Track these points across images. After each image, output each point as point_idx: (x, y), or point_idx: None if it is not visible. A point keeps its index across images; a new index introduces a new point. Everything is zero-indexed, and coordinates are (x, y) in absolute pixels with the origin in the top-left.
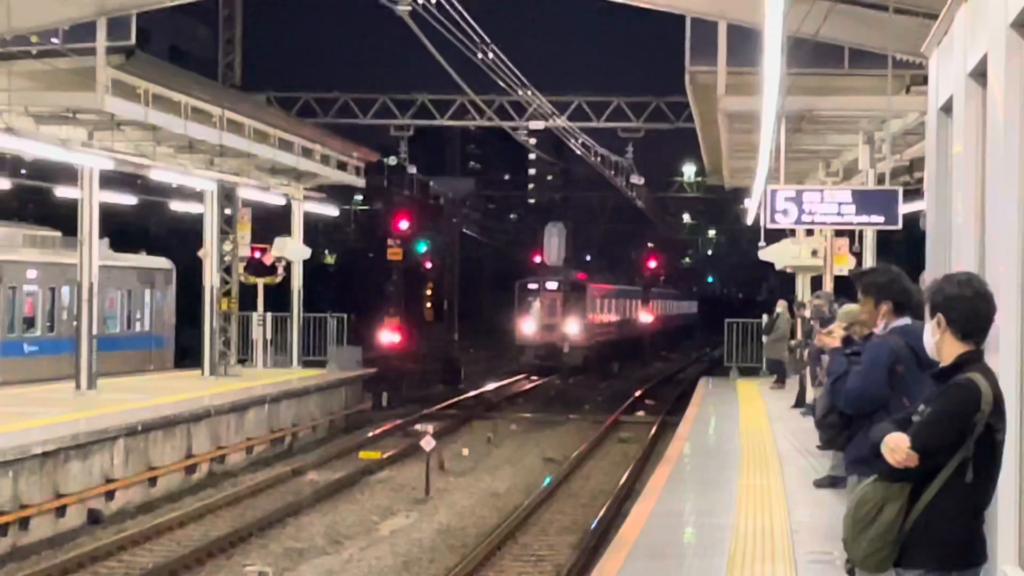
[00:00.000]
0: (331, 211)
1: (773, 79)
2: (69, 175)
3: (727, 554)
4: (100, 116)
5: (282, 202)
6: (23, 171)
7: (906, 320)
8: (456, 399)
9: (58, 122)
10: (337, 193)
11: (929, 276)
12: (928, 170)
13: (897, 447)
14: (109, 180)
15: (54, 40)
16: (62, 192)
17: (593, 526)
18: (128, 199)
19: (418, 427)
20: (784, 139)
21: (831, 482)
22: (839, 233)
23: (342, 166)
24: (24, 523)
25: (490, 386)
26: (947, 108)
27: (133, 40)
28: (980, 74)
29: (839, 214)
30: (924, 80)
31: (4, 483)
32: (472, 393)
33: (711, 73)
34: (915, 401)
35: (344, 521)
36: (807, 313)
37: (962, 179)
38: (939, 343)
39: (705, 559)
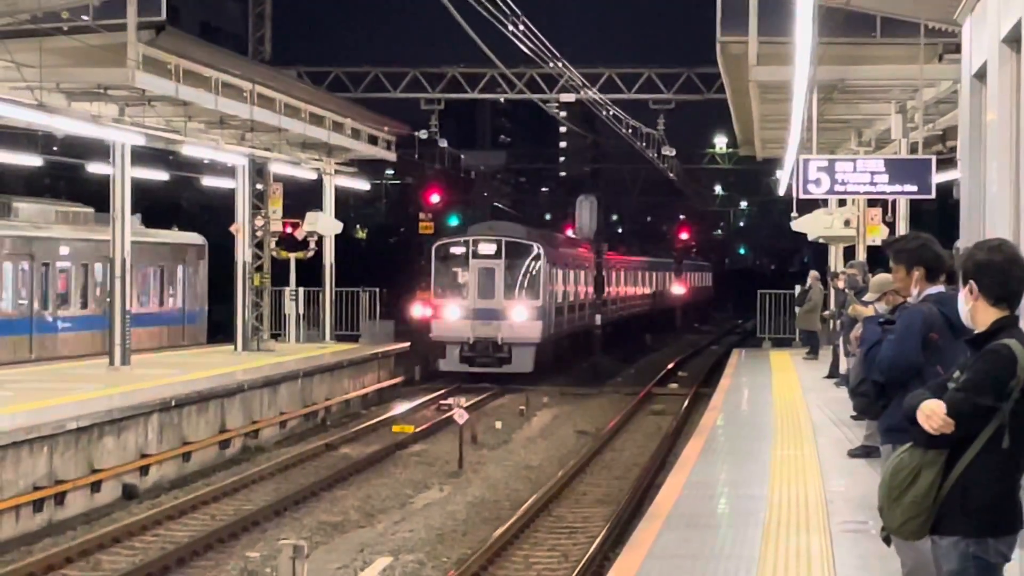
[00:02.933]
0: (362, 185)
1: (805, 49)
2: (101, 151)
3: (762, 524)
4: (131, 92)
5: (313, 177)
6: (55, 148)
7: (940, 288)
8: (488, 371)
9: (89, 98)
10: (368, 167)
11: (963, 245)
12: (961, 138)
13: (933, 414)
14: (141, 156)
15: (84, 17)
16: (94, 168)
17: (626, 498)
18: (160, 175)
19: (451, 401)
20: (816, 109)
21: (865, 452)
22: (872, 203)
23: (373, 140)
24: (60, 498)
25: None
26: (980, 75)
27: (163, 16)
28: (1014, 40)
29: (872, 183)
30: (957, 48)
31: (40, 459)
32: None
33: (742, 43)
34: (949, 369)
35: (378, 495)
36: (840, 283)
37: (996, 147)
38: (972, 310)
39: (740, 529)
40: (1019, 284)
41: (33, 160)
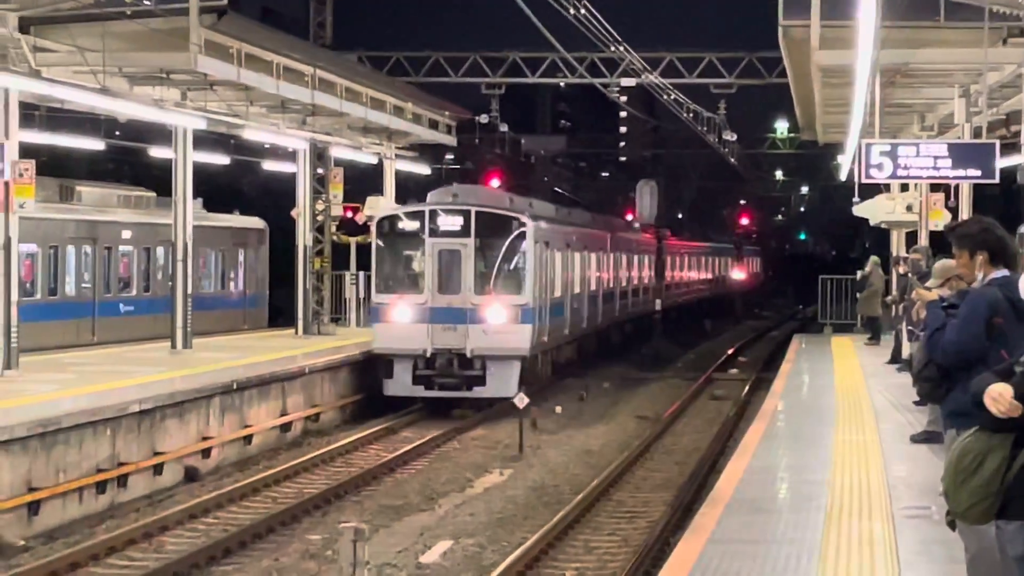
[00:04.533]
0: (423, 170)
1: (868, 33)
2: (163, 135)
3: (824, 509)
4: (193, 76)
5: (374, 161)
6: (117, 132)
7: (1004, 272)
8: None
9: (152, 83)
10: (428, 151)
11: None
12: None
13: (1000, 397)
14: (202, 140)
15: (147, 1)
16: (156, 152)
17: (687, 482)
18: (221, 159)
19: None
20: (879, 93)
21: (927, 437)
22: (934, 187)
23: (433, 124)
24: (122, 480)
25: None
26: None
27: (225, 0)
28: None
29: (935, 168)
30: (1021, 32)
31: (103, 441)
32: None
33: (805, 27)
34: (1014, 353)
35: (438, 479)
36: (903, 269)
37: None
38: None
39: (802, 514)
40: None
41: (96, 144)
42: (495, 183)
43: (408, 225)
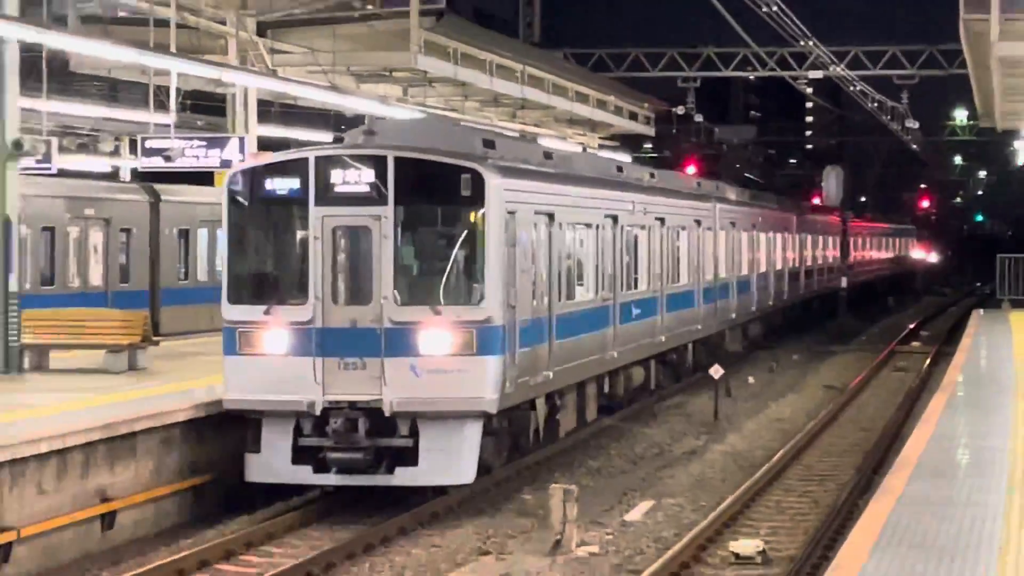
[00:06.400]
0: (624, 159)
1: None
2: None
3: (1006, 474)
4: (414, 74)
5: (579, 151)
6: (343, 126)
7: None
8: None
9: (376, 80)
10: (629, 141)
11: None
12: None
13: None
14: None
15: (370, 6)
16: None
17: (873, 448)
18: None
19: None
20: None
21: None
22: None
23: (633, 116)
24: None
25: None
26: None
27: (443, 3)
28: None
29: None
30: None
31: None
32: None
33: (984, 21)
34: None
35: (639, 444)
36: None
37: None
38: None
39: (984, 478)
40: None
41: (325, 137)
42: (691, 170)
43: (281, 185)
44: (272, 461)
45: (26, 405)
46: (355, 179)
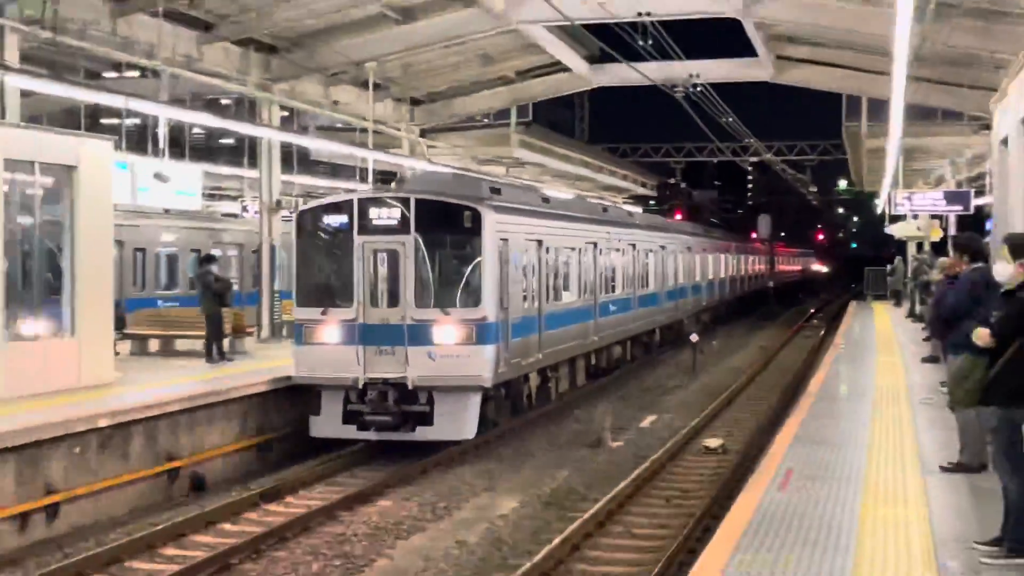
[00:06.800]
0: (636, 210)
1: (896, 129)
2: None
3: (871, 400)
4: (513, 161)
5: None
6: None
7: (980, 264)
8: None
9: (490, 163)
10: (640, 200)
11: (993, 240)
12: (995, 179)
13: (982, 336)
14: None
15: (485, 119)
16: None
17: (790, 383)
18: None
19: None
20: (901, 162)
21: (932, 359)
22: (934, 216)
23: (644, 184)
24: None
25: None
26: (1004, 142)
27: (530, 117)
28: None
29: (934, 205)
30: (985, 127)
31: None
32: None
33: (857, 125)
34: (989, 310)
35: (646, 382)
36: (913, 263)
37: (1013, 183)
38: (1014, 274)
39: (859, 402)
40: None
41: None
42: (678, 217)
43: (334, 220)
44: (328, 421)
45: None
46: (386, 216)
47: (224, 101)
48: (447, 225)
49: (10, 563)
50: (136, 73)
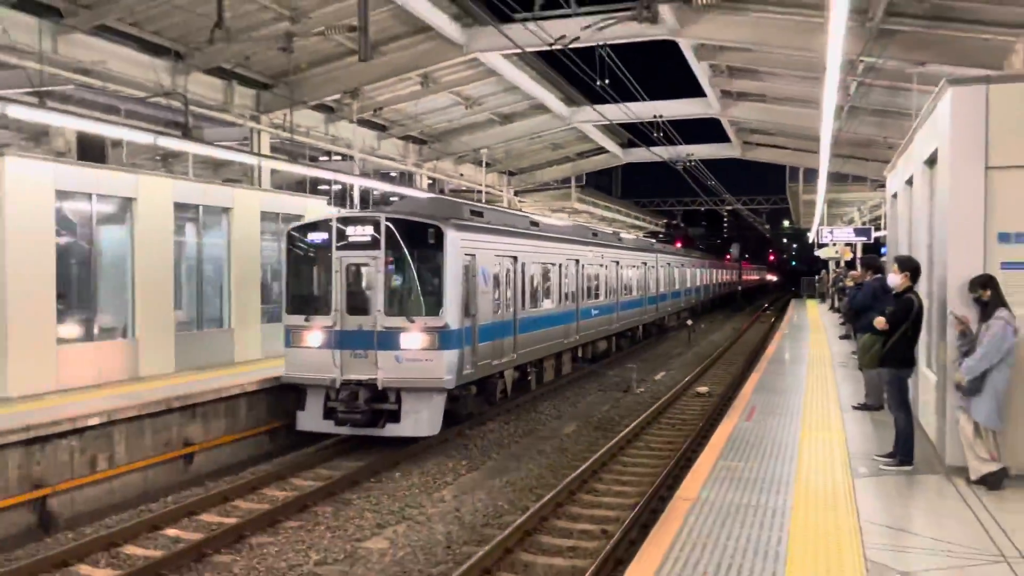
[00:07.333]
0: (649, 241)
1: (822, 188)
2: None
3: (806, 362)
4: (572, 210)
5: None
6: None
7: (879, 275)
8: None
9: (557, 211)
10: (654, 236)
11: (887, 259)
12: (888, 220)
13: (879, 323)
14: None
15: (553, 181)
16: None
17: (752, 352)
18: None
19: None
20: (826, 209)
21: (845, 337)
22: (847, 244)
23: (656, 224)
24: None
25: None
26: (894, 196)
27: (583, 181)
28: (908, 182)
29: (847, 237)
30: (882, 186)
31: None
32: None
33: (796, 184)
34: (884, 306)
35: (657, 352)
36: (833, 274)
37: (900, 223)
38: (901, 282)
39: (798, 365)
40: (916, 270)
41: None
42: (678, 245)
43: (317, 237)
44: (311, 417)
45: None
46: (360, 233)
47: (392, 174)
48: (413, 242)
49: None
50: (339, 157)
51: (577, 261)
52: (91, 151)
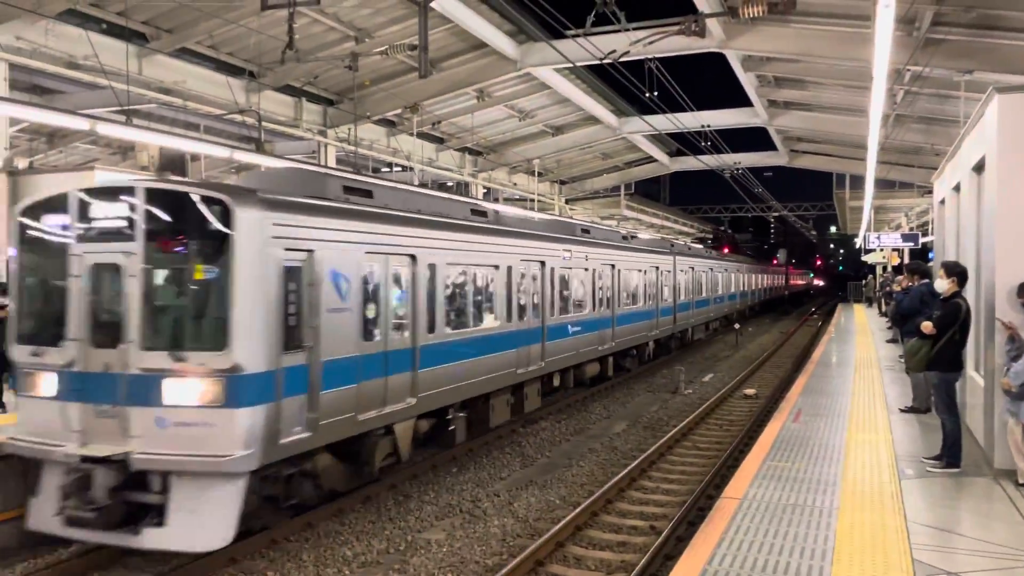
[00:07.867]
0: (697, 246)
1: (868, 194)
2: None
3: (853, 364)
4: (622, 217)
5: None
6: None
7: (926, 280)
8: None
9: (607, 217)
10: (702, 240)
11: (935, 264)
12: (935, 226)
13: (927, 327)
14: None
15: (602, 189)
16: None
17: (800, 354)
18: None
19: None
20: (873, 215)
21: (893, 341)
22: (894, 249)
23: (704, 230)
24: None
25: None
26: (942, 202)
27: (632, 189)
28: (956, 189)
29: (895, 242)
30: (929, 192)
31: None
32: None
33: (843, 190)
34: (930, 310)
35: (705, 355)
36: (881, 279)
37: (947, 228)
38: (948, 287)
39: (845, 368)
40: (963, 275)
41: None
42: (725, 250)
43: (54, 222)
44: (41, 510)
45: None
46: (112, 214)
47: (449, 184)
48: (188, 228)
49: None
50: (400, 168)
51: (543, 264)
52: (172, 165)
